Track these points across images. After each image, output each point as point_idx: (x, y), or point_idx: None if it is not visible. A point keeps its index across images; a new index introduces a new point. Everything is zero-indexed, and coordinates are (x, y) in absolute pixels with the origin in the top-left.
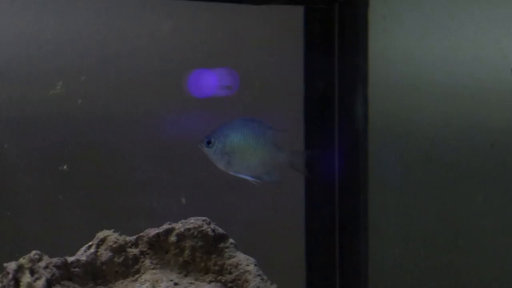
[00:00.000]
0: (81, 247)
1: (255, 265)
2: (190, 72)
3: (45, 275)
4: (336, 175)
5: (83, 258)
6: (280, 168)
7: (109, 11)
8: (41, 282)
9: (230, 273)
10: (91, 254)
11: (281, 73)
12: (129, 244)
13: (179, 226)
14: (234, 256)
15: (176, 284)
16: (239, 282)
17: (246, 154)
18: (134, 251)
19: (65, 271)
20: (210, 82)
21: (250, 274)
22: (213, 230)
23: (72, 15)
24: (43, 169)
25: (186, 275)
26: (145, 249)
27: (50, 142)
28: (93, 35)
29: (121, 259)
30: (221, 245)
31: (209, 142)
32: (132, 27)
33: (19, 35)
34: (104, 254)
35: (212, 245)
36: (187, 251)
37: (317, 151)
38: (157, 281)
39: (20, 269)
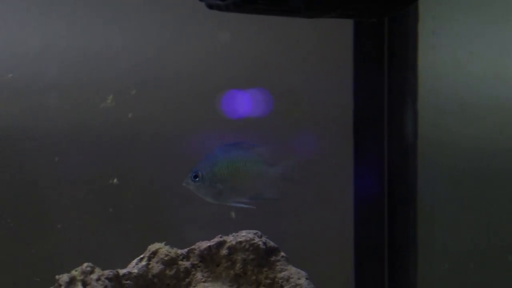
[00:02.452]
0: (132, 259)
1: (307, 278)
2: (224, 93)
3: (97, 287)
4: (386, 190)
5: (135, 270)
6: (275, 184)
7: (161, 26)
8: None
9: (282, 286)
10: (142, 267)
11: (330, 88)
12: (181, 257)
13: (231, 239)
14: (286, 270)
15: None
16: None
17: (237, 179)
18: (186, 264)
19: (117, 284)
20: (243, 103)
21: (301, 287)
22: (264, 243)
23: (124, 29)
24: (93, 183)
25: None
26: (196, 262)
27: (101, 155)
28: (145, 50)
29: (173, 272)
30: (273, 258)
31: (196, 177)
32: (184, 41)
33: (70, 47)
34: (156, 266)
35: (263, 258)
36: (238, 264)
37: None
38: None
39: (72, 281)
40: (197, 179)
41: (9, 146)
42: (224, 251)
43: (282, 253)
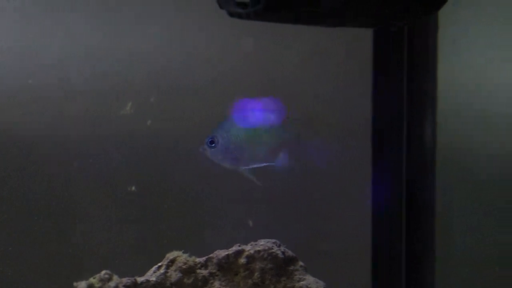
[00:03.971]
0: (150, 267)
1: None
2: (236, 101)
3: None
4: (404, 197)
5: (153, 278)
6: (290, 153)
7: (182, 33)
8: None
9: None
10: (160, 275)
11: (350, 96)
12: (199, 265)
13: (249, 248)
14: (304, 279)
15: None
16: None
17: (253, 143)
18: (204, 272)
19: None
20: (255, 111)
21: None
22: (283, 253)
23: (144, 37)
24: (112, 190)
25: None
26: (214, 271)
27: (119, 162)
28: (165, 56)
29: (191, 280)
30: (291, 267)
31: (212, 142)
32: (204, 49)
33: (90, 54)
34: (174, 275)
35: (281, 267)
36: (256, 273)
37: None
38: None
39: None
40: (213, 144)
41: (28, 152)
42: (242, 260)
43: (301, 263)
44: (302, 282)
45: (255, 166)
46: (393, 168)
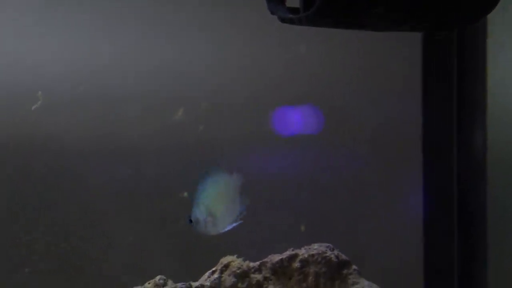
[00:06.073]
0: (205, 272)
1: None
2: (275, 110)
3: None
4: (455, 204)
5: (207, 283)
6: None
7: (230, 38)
8: None
9: None
10: (215, 280)
11: (399, 102)
12: (253, 270)
13: (303, 252)
14: (358, 283)
15: None
16: None
17: (217, 205)
18: (258, 276)
19: None
20: (294, 119)
21: None
22: (336, 256)
23: (195, 42)
24: (164, 196)
25: None
26: (268, 275)
27: (170, 169)
28: (214, 62)
29: (245, 285)
30: (345, 271)
31: (190, 221)
32: (255, 54)
33: (142, 59)
34: (228, 279)
35: (335, 271)
36: (311, 277)
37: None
38: None
39: None
40: (193, 223)
41: (80, 157)
42: (296, 264)
43: (354, 266)
44: (356, 286)
45: (232, 226)
46: (444, 174)
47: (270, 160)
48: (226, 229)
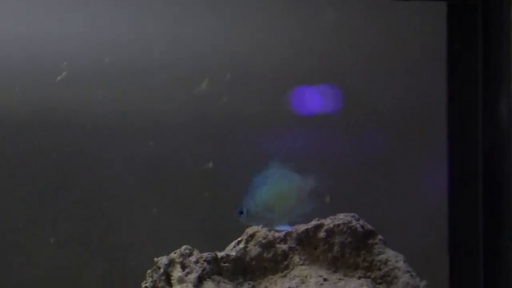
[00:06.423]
0: (230, 243)
1: (405, 261)
2: (293, 89)
3: (196, 269)
4: (481, 178)
5: (233, 253)
6: (313, 194)
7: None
8: (192, 276)
9: (379, 269)
10: (240, 250)
11: (422, 73)
12: (278, 240)
13: (328, 222)
14: (383, 253)
15: (325, 280)
16: (388, 278)
17: (278, 203)
18: (283, 247)
19: (215, 266)
20: (313, 99)
21: (399, 270)
22: (362, 226)
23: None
24: (189, 166)
25: (335, 271)
26: (293, 245)
27: (196, 139)
28: (238, 35)
29: (270, 254)
30: (370, 241)
31: (241, 212)
32: (280, 28)
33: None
34: (253, 249)
35: (361, 241)
36: (336, 247)
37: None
38: (306, 276)
39: (171, 263)
40: (242, 214)
41: (107, 130)
42: (321, 234)
43: (380, 236)
44: (381, 256)
45: (285, 228)
46: (469, 145)
47: (293, 136)
48: (280, 227)
